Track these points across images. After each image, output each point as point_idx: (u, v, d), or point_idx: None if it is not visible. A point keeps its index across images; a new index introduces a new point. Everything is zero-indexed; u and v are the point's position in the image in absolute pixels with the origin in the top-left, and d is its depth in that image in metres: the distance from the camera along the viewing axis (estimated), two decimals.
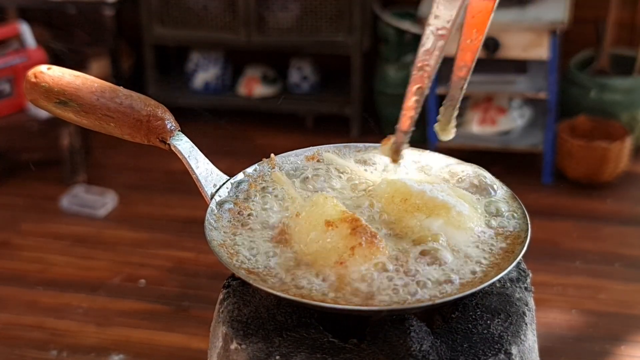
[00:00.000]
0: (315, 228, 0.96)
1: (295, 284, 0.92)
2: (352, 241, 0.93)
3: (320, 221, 0.96)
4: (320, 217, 0.97)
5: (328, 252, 0.93)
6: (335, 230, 0.94)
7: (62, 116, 1.08)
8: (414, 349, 0.89)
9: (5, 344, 2.46)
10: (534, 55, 3.09)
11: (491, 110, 3.35)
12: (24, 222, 3.09)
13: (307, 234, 0.96)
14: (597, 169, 3.17)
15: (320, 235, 0.95)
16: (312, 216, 0.98)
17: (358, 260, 0.92)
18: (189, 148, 1.05)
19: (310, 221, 0.97)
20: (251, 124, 3.76)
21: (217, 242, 0.98)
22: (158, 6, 3.62)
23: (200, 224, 0.99)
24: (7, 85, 3.23)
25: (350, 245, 0.93)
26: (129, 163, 3.46)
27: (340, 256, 0.93)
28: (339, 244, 0.93)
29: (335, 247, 0.93)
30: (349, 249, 0.93)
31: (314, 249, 0.95)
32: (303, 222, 0.98)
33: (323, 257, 0.93)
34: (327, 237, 0.94)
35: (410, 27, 3.39)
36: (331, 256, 0.93)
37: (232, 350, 0.93)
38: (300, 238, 0.97)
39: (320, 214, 0.97)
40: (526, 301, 1.01)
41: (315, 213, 0.98)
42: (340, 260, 0.92)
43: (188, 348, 2.44)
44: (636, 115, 3.30)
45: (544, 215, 3.01)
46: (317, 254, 0.94)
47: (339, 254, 0.93)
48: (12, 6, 3.74)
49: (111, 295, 2.67)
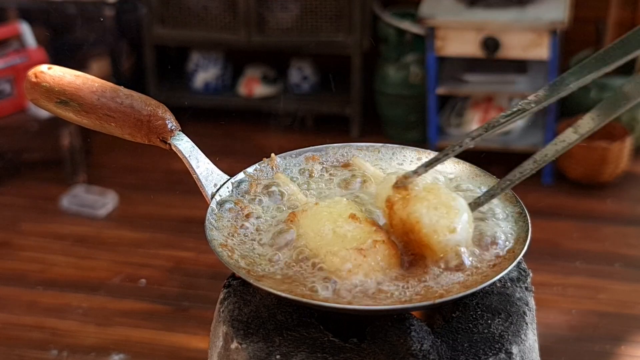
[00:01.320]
0: (334, 220, 0.95)
1: (295, 280, 0.92)
2: (376, 236, 0.92)
3: (343, 214, 0.95)
4: (344, 211, 0.96)
5: (346, 239, 0.92)
6: (360, 223, 0.94)
7: (63, 116, 1.08)
8: (414, 349, 0.89)
9: (5, 344, 2.46)
10: (534, 55, 3.10)
11: (491, 110, 3.35)
12: (24, 222, 3.09)
13: (323, 223, 0.95)
14: (597, 169, 3.17)
15: (339, 225, 0.94)
16: (333, 208, 0.97)
17: (377, 256, 0.91)
18: (190, 148, 1.05)
19: (330, 212, 0.96)
20: (251, 124, 3.76)
21: (217, 242, 0.98)
22: (158, 6, 3.62)
23: (201, 224, 0.99)
24: (7, 85, 3.23)
25: (374, 238, 0.92)
26: (129, 163, 3.46)
27: (361, 244, 0.92)
28: (361, 235, 0.93)
29: (356, 237, 0.92)
30: (372, 240, 0.92)
31: (329, 236, 0.93)
32: (321, 211, 0.97)
33: (339, 242, 0.92)
34: (349, 227, 0.94)
35: (410, 27, 3.39)
36: (351, 242, 0.92)
37: (232, 350, 0.93)
38: (312, 225, 0.96)
39: (342, 210, 0.96)
40: (526, 301, 1.01)
41: (336, 207, 0.97)
42: (360, 247, 0.92)
43: (188, 348, 2.44)
44: (636, 115, 3.31)
45: (544, 215, 3.01)
46: (333, 240, 0.93)
47: (361, 242, 0.92)
48: (12, 6, 3.73)
49: (111, 295, 2.67)
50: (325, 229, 0.94)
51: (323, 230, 0.94)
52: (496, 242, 0.97)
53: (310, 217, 0.97)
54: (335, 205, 0.98)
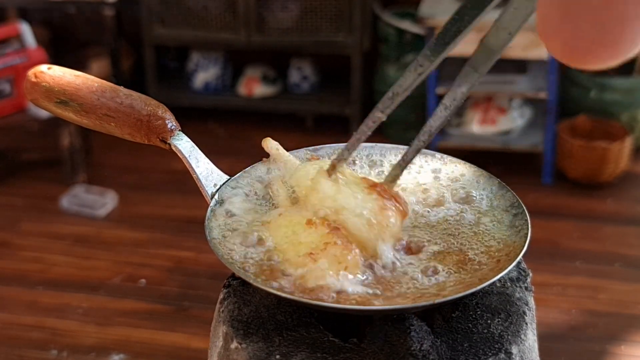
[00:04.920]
0: (292, 229, 0.96)
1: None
2: (328, 238, 0.93)
3: (301, 221, 0.96)
4: (302, 218, 0.97)
5: (300, 246, 0.94)
6: (315, 228, 0.95)
7: (63, 116, 1.08)
8: (414, 349, 0.89)
9: (5, 344, 2.46)
10: (534, 55, 3.10)
11: (491, 110, 3.35)
12: (24, 222, 3.09)
13: (282, 232, 0.97)
14: (597, 169, 3.17)
15: (295, 232, 0.95)
16: (292, 217, 0.98)
17: (329, 257, 0.92)
18: (190, 148, 1.05)
19: (289, 221, 0.97)
20: (251, 124, 3.76)
21: (217, 242, 0.98)
22: (158, 6, 3.62)
23: (201, 224, 0.99)
24: (7, 85, 3.23)
25: (325, 241, 0.93)
26: (129, 163, 3.47)
27: (312, 249, 0.93)
28: (315, 239, 0.94)
29: (310, 242, 0.94)
30: (323, 243, 0.93)
31: (286, 245, 0.95)
32: (282, 222, 0.98)
33: (294, 249, 0.94)
34: (305, 234, 0.95)
35: (410, 27, 3.39)
36: (305, 248, 0.93)
37: (232, 350, 0.94)
38: (274, 236, 0.97)
39: (300, 218, 0.97)
40: (526, 301, 1.01)
41: (295, 216, 0.98)
42: (310, 252, 0.93)
43: (188, 348, 2.44)
44: (636, 115, 3.31)
45: (544, 215, 3.01)
46: (288, 248, 0.94)
47: (311, 247, 0.93)
48: (12, 6, 3.74)
49: (111, 295, 2.67)
50: (283, 239, 0.96)
51: (281, 240, 0.96)
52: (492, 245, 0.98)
53: (273, 228, 0.98)
54: (295, 214, 0.98)
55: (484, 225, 1.02)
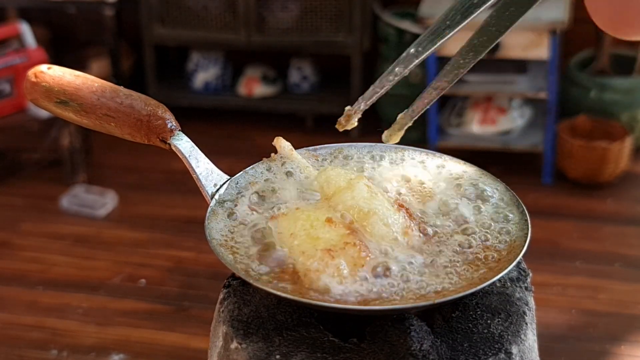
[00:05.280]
0: (310, 223, 0.96)
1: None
2: (348, 239, 0.93)
3: (320, 217, 0.96)
4: (321, 215, 0.97)
5: (318, 241, 0.93)
6: (335, 227, 0.94)
7: (63, 116, 1.08)
8: (414, 349, 0.89)
9: (5, 344, 2.46)
10: (534, 55, 3.10)
11: (491, 110, 3.35)
12: (24, 222, 3.09)
13: (299, 225, 0.96)
14: (597, 169, 3.17)
15: (314, 227, 0.95)
16: (311, 213, 0.98)
17: (347, 257, 0.92)
18: (190, 148, 1.05)
19: (307, 215, 0.97)
20: (251, 124, 3.76)
21: (217, 242, 0.98)
22: (158, 6, 3.62)
23: (201, 224, 0.99)
24: (7, 85, 3.23)
25: (345, 241, 0.93)
26: (129, 163, 3.47)
27: (332, 246, 0.93)
28: (334, 237, 0.94)
29: (329, 239, 0.93)
30: (342, 242, 0.93)
31: (303, 237, 0.94)
32: (300, 215, 0.98)
33: (311, 243, 0.93)
34: (323, 230, 0.95)
35: (410, 27, 3.39)
36: (322, 244, 0.93)
37: (232, 350, 0.94)
38: (289, 227, 0.97)
39: (320, 214, 0.97)
40: (526, 301, 1.01)
41: (314, 212, 0.98)
42: (330, 248, 0.92)
43: (188, 348, 2.44)
44: (636, 115, 3.30)
45: (544, 215, 3.01)
46: (305, 240, 0.94)
47: (331, 244, 0.93)
48: (12, 6, 3.74)
49: (111, 295, 2.67)
50: (301, 230, 0.95)
51: (298, 232, 0.95)
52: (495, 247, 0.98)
53: (288, 219, 0.98)
54: (315, 210, 0.98)
55: (484, 225, 1.02)
